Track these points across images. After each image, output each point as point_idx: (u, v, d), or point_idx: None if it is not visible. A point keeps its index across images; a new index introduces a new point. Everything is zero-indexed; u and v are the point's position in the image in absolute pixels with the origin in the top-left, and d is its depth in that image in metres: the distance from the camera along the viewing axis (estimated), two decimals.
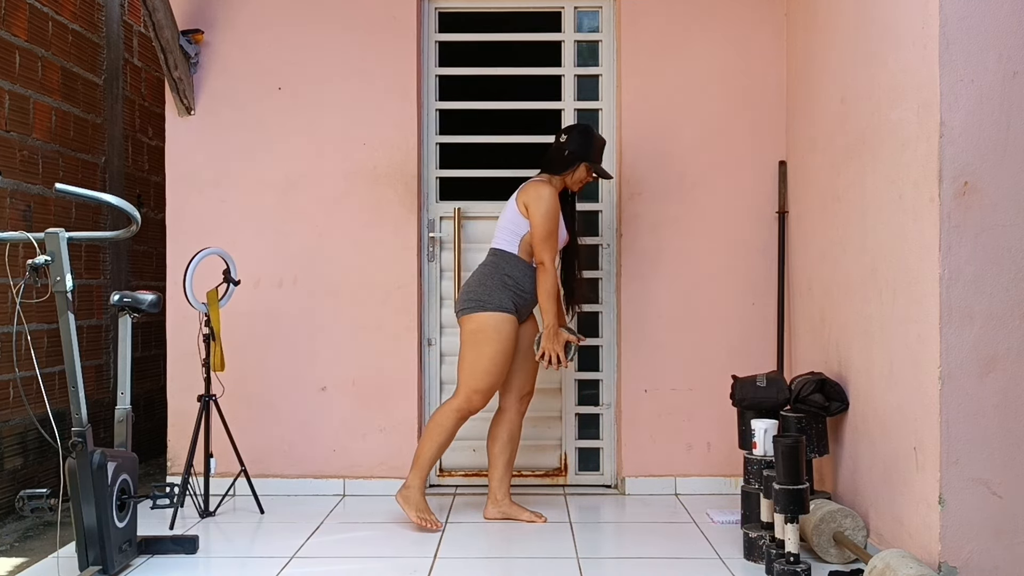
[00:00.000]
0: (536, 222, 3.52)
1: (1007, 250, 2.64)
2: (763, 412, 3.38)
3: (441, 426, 3.54)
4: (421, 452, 3.56)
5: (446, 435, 3.54)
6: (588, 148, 3.62)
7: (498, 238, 3.63)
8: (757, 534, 3.10)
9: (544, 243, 3.52)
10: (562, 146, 3.62)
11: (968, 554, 2.63)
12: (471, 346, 3.53)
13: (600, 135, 3.72)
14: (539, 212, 3.52)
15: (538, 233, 3.52)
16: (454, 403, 3.54)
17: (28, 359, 3.48)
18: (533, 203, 3.54)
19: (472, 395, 3.52)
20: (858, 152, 3.28)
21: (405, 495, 3.54)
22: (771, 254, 4.15)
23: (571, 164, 3.61)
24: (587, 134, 3.65)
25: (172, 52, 3.94)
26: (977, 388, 2.64)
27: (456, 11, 4.32)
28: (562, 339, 3.57)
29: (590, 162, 3.63)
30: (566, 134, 3.65)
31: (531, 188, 3.59)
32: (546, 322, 3.57)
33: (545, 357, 3.56)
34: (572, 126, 3.72)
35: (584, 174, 3.65)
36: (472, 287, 3.58)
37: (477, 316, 3.52)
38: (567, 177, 3.65)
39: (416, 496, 3.53)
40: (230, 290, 3.78)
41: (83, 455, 2.79)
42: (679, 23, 4.17)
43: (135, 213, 2.87)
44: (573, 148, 3.60)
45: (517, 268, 3.56)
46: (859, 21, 3.29)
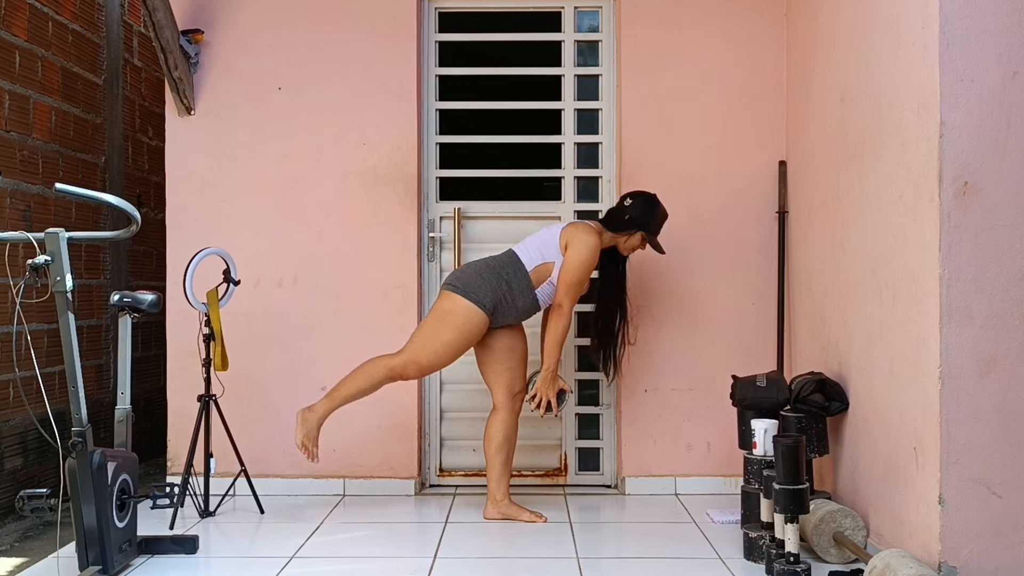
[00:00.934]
0: (569, 266, 3.51)
1: (1007, 250, 2.64)
2: (763, 412, 3.38)
3: (369, 377, 3.54)
4: (339, 389, 3.56)
5: (369, 386, 3.55)
6: (649, 220, 3.63)
7: (523, 247, 3.63)
8: (757, 534, 3.10)
9: (569, 289, 3.52)
10: (624, 209, 3.61)
11: (968, 554, 2.63)
12: (436, 321, 3.54)
13: (664, 209, 3.69)
14: (575, 258, 3.51)
15: (566, 278, 3.51)
16: (391, 361, 3.54)
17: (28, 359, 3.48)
18: (575, 246, 3.52)
19: (411, 364, 3.53)
20: (858, 152, 3.28)
21: (306, 415, 3.56)
22: (771, 254, 4.15)
23: (628, 229, 3.62)
24: (652, 206, 3.64)
25: (172, 52, 3.94)
26: (977, 388, 2.64)
27: (456, 11, 4.32)
28: (557, 386, 3.60)
29: (647, 233, 3.63)
30: (631, 199, 3.63)
31: (580, 230, 3.56)
32: (546, 365, 3.58)
33: (536, 399, 3.59)
34: (639, 193, 3.68)
35: (638, 242, 3.66)
36: (467, 272, 3.59)
37: (456, 298, 3.52)
38: (620, 239, 3.65)
39: (314, 421, 3.55)
40: (230, 290, 3.78)
41: (83, 455, 2.79)
42: (679, 23, 4.17)
43: (135, 213, 2.87)
44: (635, 215, 3.60)
45: (519, 282, 3.56)
46: (859, 21, 3.29)
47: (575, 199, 4.28)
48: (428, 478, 4.27)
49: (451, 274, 3.65)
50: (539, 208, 4.28)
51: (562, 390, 3.64)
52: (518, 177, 4.34)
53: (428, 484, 4.26)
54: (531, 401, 3.62)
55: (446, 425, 4.27)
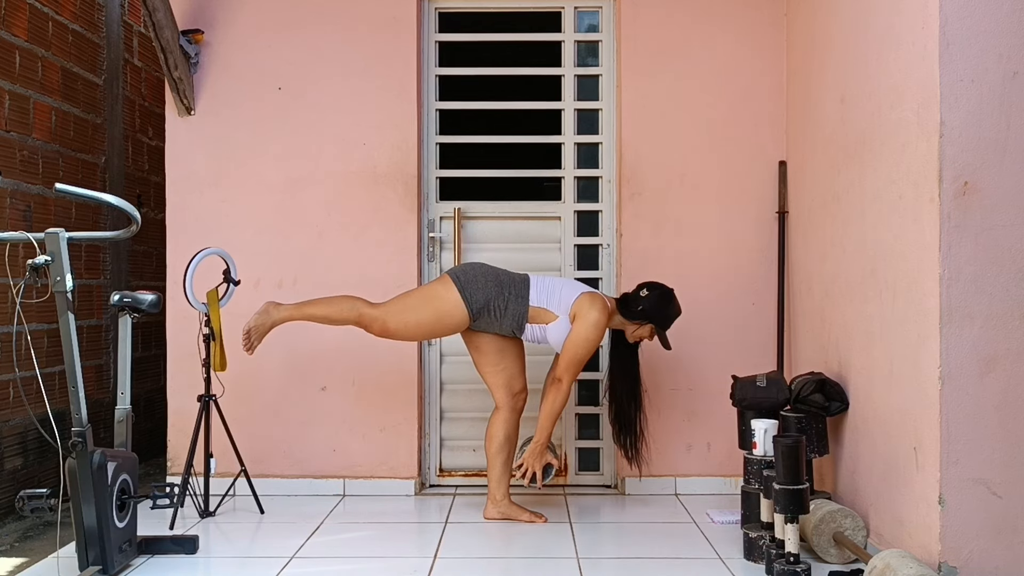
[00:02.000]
0: (574, 342, 3.48)
1: (1007, 250, 2.64)
2: (763, 412, 3.38)
3: (340, 310, 3.55)
4: (312, 305, 3.57)
5: (337, 317, 3.55)
6: (661, 315, 3.59)
7: (539, 282, 3.58)
8: (757, 534, 3.10)
9: (570, 366, 3.50)
10: (639, 300, 3.57)
11: (968, 554, 2.63)
12: (422, 297, 3.56)
13: (679, 305, 3.63)
14: (582, 335, 3.47)
15: (570, 351, 3.49)
16: (365, 308, 3.54)
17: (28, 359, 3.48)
18: (583, 321, 3.47)
19: (379, 320, 3.52)
20: (858, 152, 3.28)
21: (269, 309, 3.57)
22: (771, 254, 4.15)
23: (638, 319, 3.58)
24: (668, 301, 3.60)
25: (172, 52, 3.94)
26: (977, 388, 2.64)
27: (456, 11, 4.32)
28: (544, 459, 3.60)
29: (658, 327, 3.60)
30: (648, 291, 3.58)
31: (594, 308, 3.49)
32: (537, 438, 3.59)
33: (522, 469, 3.59)
34: (657, 286, 3.61)
35: (647, 333, 3.62)
36: (476, 270, 3.57)
37: (451, 287, 3.52)
38: (629, 326, 3.62)
39: (270, 321, 3.55)
40: (230, 290, 3.78)
41: (83, 455, 2.79)
42: (679, 23, 4.17)
43: (135, 213, 2.87)
44: (647, 308, 3.56)
45: (516, 306, 3.53)
46: (859, 21, 3.29)
47: (575, 199, 4.28)
48: (428, 478, 4.27)
49: (461, 264, 3.65)
50: (539, 208, 4.28)
51: (549, 464, 3.63)
52: (518, 177, 4.34)
53: (428, 484, 4.26)
54: (517, 470, 3.62)
55: (446, 425, 4.27)
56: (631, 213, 4.16)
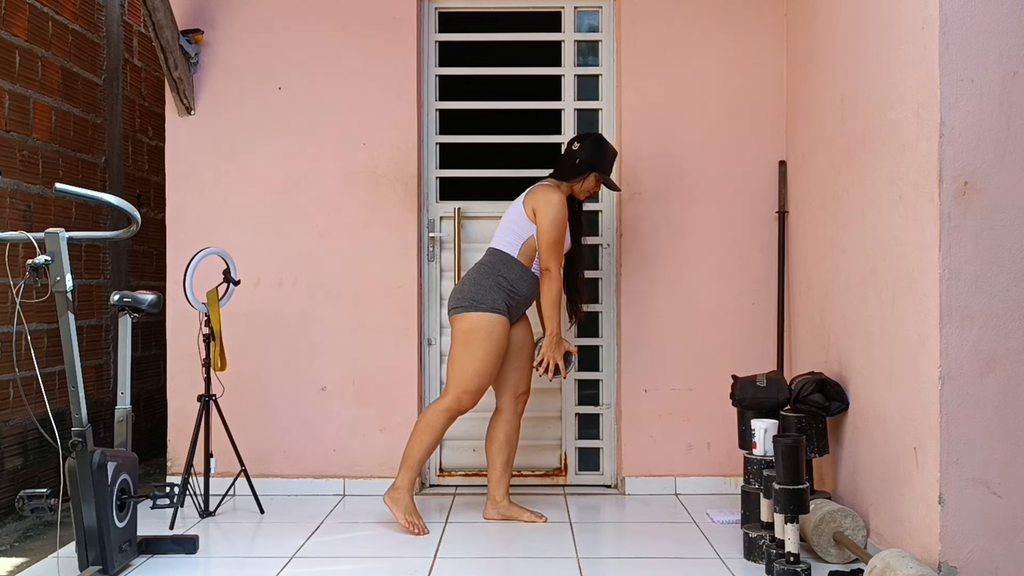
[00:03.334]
0: (544, 228, 3.50)
1: (1007, 250, 2.64)
2: (763, 412, 3.38)
3: (431, 426, 3.52)
4: (410, 452, 3.53)
5: (435, 435, 3.53)
6: (600, 158, 3.60)
7: (499, 238, 3.62)
8: (757, 534, 3.10)
9: (551, 250, 3.50)
10: (574, 154, 3.60)
11: (968, 554, 2.63)
12: (463, 346, 3.50)
13: (612, 146, 3.69)
14: (547, 218, 3.50)
15: (545, 240, 3.50)
16: (443, 403, 3.52)
17: (28, 359, 3.48)
18: (542, 208, 3.51)
19: (462, 395, 3.50)
20: (858, 152, 3.28)
21: (394, 496, 3.51)
22: (771, 254, 4.15)
23: (581, 173, 3.59)
24: (600, 144, 3.63)
25: (172, 52, 3.94)
26: (977, 388, 2.64)
27: (456, 11, 4.32)
28: (563, 348, 3.58)
29: (601, 172, 3.61)
30: (579, 142, 3.62)
31: (540, 192, 3.56)
32: (548, 330, 3.57)
33: (543, 364, 3.57)
34: (585, 135, 3.68)
35: (593, 184, 3.63)
36: (466, 286, 3.56)
37: (469, 316, 3.50)
38: (575, 185, 3.63)
39: (405, 498, 3.51)
40: (230, 290, 3.78)
41: (83, 455, 2.79)
42: (679, 23, 4.17)
43: (135, 213, 2.87)
44: (585, 157, 3.58)
45: (513, 270, 3.55)
46: (859, 21, 3.29)
47: None
48: (428, 478, 4.27)
49: (451, 296, 3.58)
50: None
51: (568, 352, 3.61)
52: (518, 177, 4.34)
53: (428, 484, 4.26)
54: (538, 367, 3.59)
55: None
56: (631, 213, 4.16)
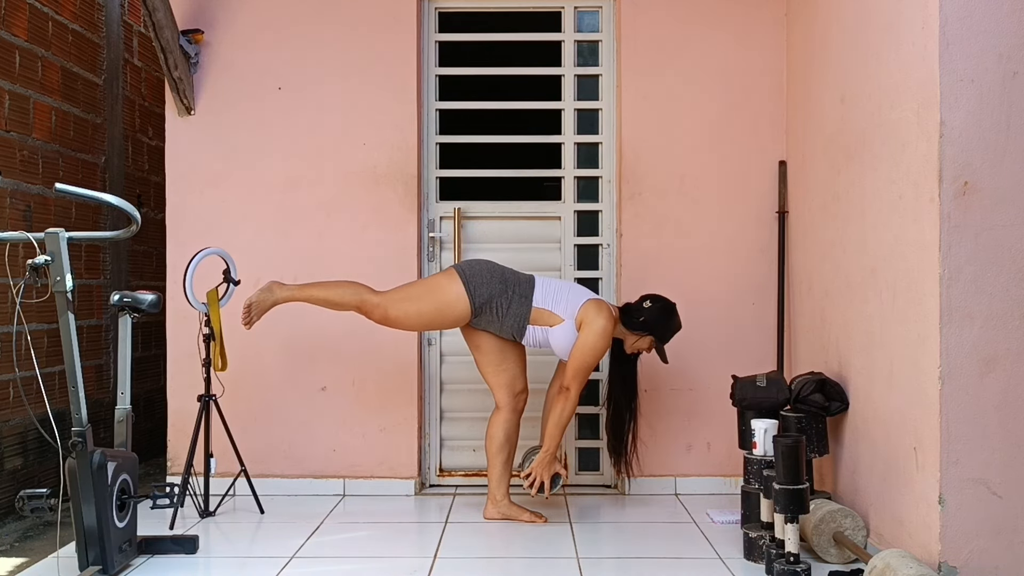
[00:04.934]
0: (582, 350, 3.47)
1: (1007, 250, 2.64)
2: (763, 412, 3.38)
3: (341, 295, 3.54)
4: (312, 289, 3.57)
5: (339, 301, 3.55)
6: (662, 328, 3.58)
7: (545, 284, 3.57)
8: (757, 534, 3.10)
9: (578, 373, 3.49)
10: (641, 311, 3.56)
11: (968, 554, 2.63)
12: (425, 289, 3.56)
13: (679, 320, 3.62)
14: (589, 343, 3.46)
15: (578, 359, 3.48)
16: (367, 295, 3.53)
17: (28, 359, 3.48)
18: (589, 329, 3.46)
19: (380, 307, 3.51)
20: (858, 152, 3.28)
21: (273, 288, 3.58)
22: (771, 254, 4.15)
23: (639, 331, 3.57)
24: (669, 315, 3.59)
25: (172, 52, 3.94)
26: (977, 388, 2.64)
27: (456, 11, 4.32)
28: (553, 469, 3.61)
29: (657, 340, 3.60)
30: (651, 302, 3.57)
31: (601, 315, 3.48)
32: (546, 447, 3.59)
33: (530, 478, 3.60)
34: (659, 299, 3.60)
35: (646, 345, 3.61)
36: (482, 267, 3.57)
37: (455, 280, 3.51)
38: (629, 336, 3.60)
39: (272, 300, 3.57)
40: (230, 290, 3.78)
41: (83, 455, 2.79)
42: (679, 23, 4.17)
43: (135, 213, 2.87)
44: (649, 320, 3.55)
45: (519, 306, 3.52)
46: (859, 21, 3.29)
47: (575, 199, 4.28)
48: (428, 478, 4.27)
49: (467, 260, 3.64)
50: (539, 208, 4.28)
51: (557, 473, 3.64)
52: (518, 177, 4.34)
53: (428, 484, 4.26)
54: (525, 480, 3.63)
55: (446, 425, 4.27)
56: (631, 213, 4.16)
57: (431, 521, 3.69)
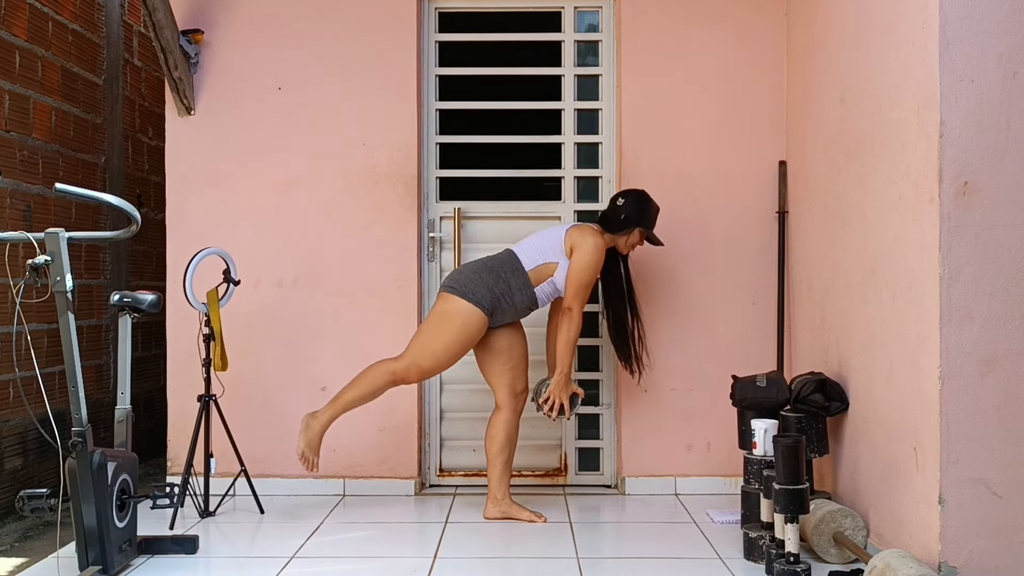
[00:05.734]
0: (576, 269, 3.52)
1: (1007, 250, 2.64)
2: (763, 412, 3.38)
3: (372, 382, 3.54)
4: (344, 394, 3.56)
5: (372, 391, 3.55)
6: (645, 216, 3.66)
7: (523, 247, 3.63)
8: (757, 534, 3.10)
9: (578, 292, 3.53)
10: (618, 209, 3.64)
11: (968, 554, 2.63)
12: (436, 323, 3.54)
13: (656, 203, 3.73)
14: (583, 261, 3.52)
15: (575, 280, 3.52)
16: (393, 365, 3.54)
17: (28, 359, 3.48)
18: (580, 249, 3.53)
19: (412, 367, 3.53)
20: (858, 152, 3.28)
21: (309, 422, 3.55)
22: (771, 254, 4.15)
23: (625, 227, 3.64)
24: (644, 201, 3.68)
25: (172, 52, 3.94)
26: (977, 388, 2.64)
27: (456, 11, 4.32)
28: (570, 389, 3.61)
29: (645, 228, 3.66)
30: (623, 198, 3.67)
31: (586, 233, 3.57)
32: (560, 368, 3.59)
33: (549, 402, 3.59)
34: (629, 192, 3.71)
35: (636, 239, 3.68)
36: (465, 273, 3.59)
37: (455, 300, 3.52)
38: (619, 239, 3.67)
39: (317, 429, 3.55)
40: (230, 290, 3.78)
41: (83, 455, 2.79)
42: (679, 23, 4.17)
43: (135, 213, 2.87)
44: (629, 213, 3.63)
45: (518, 279, 3.56)
46: (859, 21, 3.29)
47: (575, 199, 4.28)
48: (428, 478, 4.27)
49: (449, 275, 3.64)
50: (539, 208, 4.28)
51: (575, 393, 3.65)
52: (518, 177, 4.34)
53: (428, 484, 4.26)
54: (544, 405, 3.63)
55: (446, 425, 4.27)
56: None
57: (431, 521, 3.69)
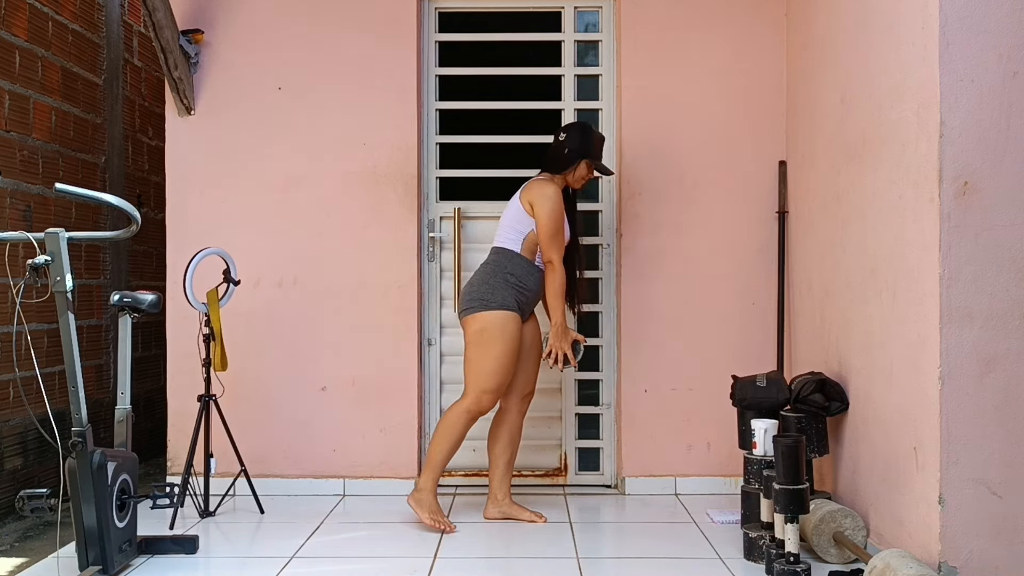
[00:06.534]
0: (542, 221, 3.53)
1: (1007, 250, 2.64)
2: (763, 412, 3.38)
3: (452, 428, 3.52)
4: (432, 454, 3.54)
5: (457, 436, 3.53)
6: (588, 145, 3.63)
7: (501, 236, 3.63)
8: (757, 534, 3.10)
9: (551, 241, 3.52)
10: (561, 144, 3.63)
11: (968, 554, 2.63)
12: (477, 346, 3.51)
13: (599, 131, 3.74)
14: (544, 210, 3.52)
15: (545, 231, 3.53)
16: (464, 404, 3.52)
17: (28, 359, 3.48)
18: (538, 201, 3.54)
19: (481, 396, 3.51)
20: (858, 152, 3.28)
21: (418, 498, 3.52)
22: (771, 254, 4.15)
23: (571, 162, 3.62)
24: (586, 131, 3.66)
25: (172, 52, 3.94)
26: (977, 388, 2.64)
27: (456, 11, 4.32)
28: (570, 337, 3.58)
29: (591, 159, 3.64)
30: (565, 132, 3.66)
31: (535, 186, 3.59)
32: (554, 320, 3.57)
33: (552, 355, 3.57)
34: (570, 124, 3.75)
35: (585, 171, 3.66)
36: (475, 287, 3.57)
37: (481, 316, 3.50)
38: (568, 175, 3.66)
39: (429, 499, 3.52)
40: (230, 290, 3.78)
41: (83, 455, 2.79)
42: (679, 23, 4.17)
43: (135, 213, 2.87)
44: (573, 146, 3.61)
45: (520, 266, 3.56)
46: (859, 21, 3.29)
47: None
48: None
49: (462, 299, 3.60)
50: None
51: (576, 340, 3.61)
52: (518, 177, 4.33)
53: None
54: (547, 359, 3.58)
55: None
56: (631, 213, 4.16)
57: None
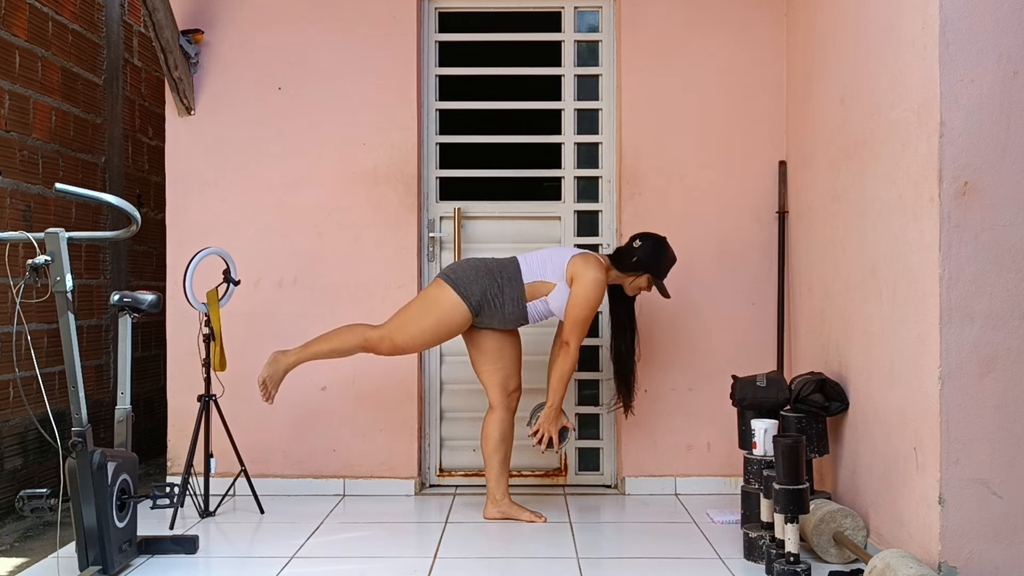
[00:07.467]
0: (576, 302, 3.48)
1: (1007, 250, 2.64)
2: (763, 412, 3.38)
3: (345, 340, 3.58)
4: (316, 343, 3.61)
5: (343, 348, 3.60)
6: (659, 264, 3.59)
7: (527, 259, 3.60)
8: (757, 534, 3.10)
9: (575, 327, 3.49)
10: (633, 251, 3.58)
11: (968, 554, 2.63)
12: (420, 305, 3.57)
13: (673, 252, 3.64)
14: (582, 295, 3.47)
15: (573, 314, 3.48)
16: (369, 332, 3.57)
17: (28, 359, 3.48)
18: (581, 282, 3.47)
19: (386, 339, 3.55)
20: (858, 152, 3.28)
21: (278, 357, 3.62)
22: (771, 254, 4.15)
23: (635, 271, 3.59)
24: (661, 249, 3.60)
25: (172, 52, 3.94)
26: (977, 388, 2.64)
27: (456, 11, 4.32)
28: (560, 423, 3.61)
29: (655, 277, 3.60)
30: (640, 240, 3.59)
31: (590, 266, 3.49)
32: (551, 402, 3.59)
33: (538, 435, 3.60)
34: (649, 236, 3.63)
35: (644, 284, 3.62)
36: (465, 266, 3.59)
37: (445, 288, 3.53)
38: (626, 279, 3.62)
39: (282, 366, 3.61)
40: (230, 290, 3.78)
41: (83, 455, 2.79)
42: (679, 23, 4.17)
43: (135, 213, 2.87)
44: (643, 257, 3.56)
45: (513, 289, 3.54)
46: (859, 21, 3.29)
47: (575, 199, 4.28)
48: (428, 478, 4.27)
49: (449, 265, 3.66)
50: (539, 208, 4.28)
51: (565, 427, 3.64)
52: (518, 177, 4.34)
53: (428, 484, 4.26)
54: (533, 436, 3.63)
55: (446, 425, 4.27)
56: (631, 213, 4.16)
57: (431, 521, 3.69)
